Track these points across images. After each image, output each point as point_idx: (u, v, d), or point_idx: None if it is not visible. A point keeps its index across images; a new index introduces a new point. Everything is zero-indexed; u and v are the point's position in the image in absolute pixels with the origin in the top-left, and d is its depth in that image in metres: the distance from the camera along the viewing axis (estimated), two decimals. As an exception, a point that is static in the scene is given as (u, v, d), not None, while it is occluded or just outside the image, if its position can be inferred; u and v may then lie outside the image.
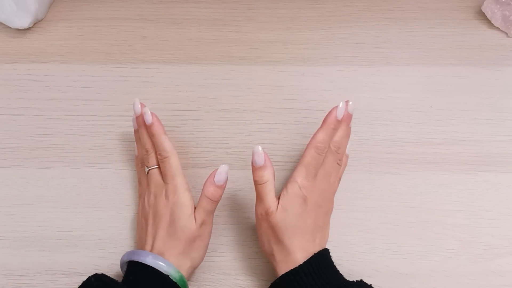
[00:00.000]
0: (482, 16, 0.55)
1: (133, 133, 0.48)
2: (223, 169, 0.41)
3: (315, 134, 0.42)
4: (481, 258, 0.45)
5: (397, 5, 0.57)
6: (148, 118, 0.44)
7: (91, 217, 0.47)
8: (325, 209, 0.43)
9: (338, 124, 0.43)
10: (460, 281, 0.45)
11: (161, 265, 0.39)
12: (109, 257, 0.46)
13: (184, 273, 0.40)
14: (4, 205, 0.48)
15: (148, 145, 0.45)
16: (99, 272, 0.40)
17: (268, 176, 0.41)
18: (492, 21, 0.55)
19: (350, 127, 0.46)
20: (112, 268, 0.45)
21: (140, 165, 0.47)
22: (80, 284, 0.39)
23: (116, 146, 0.50)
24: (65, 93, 0.52)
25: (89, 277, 0.39)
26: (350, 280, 0.40)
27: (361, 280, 0.40)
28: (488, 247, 0.46)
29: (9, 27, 0.55)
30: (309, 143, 0.42)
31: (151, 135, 0.44)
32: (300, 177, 0.41)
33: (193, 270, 0.43)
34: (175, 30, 0.56)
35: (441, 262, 0.45)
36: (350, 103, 0.44)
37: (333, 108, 0.43)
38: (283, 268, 0.40)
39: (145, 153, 0.45)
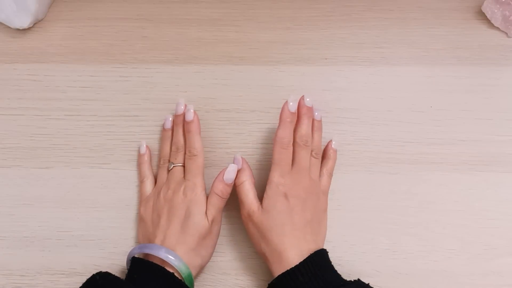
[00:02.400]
0: (482, 16, 0.55)
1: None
2: (232, 168, 0.43)
3: (275, 132, 0.43)
4: (481, 258, 0.45)
5: (397, 5, 0.57)
6: (190, 115, 0.46)
7: (91, 217, 0.47)
8: (312, 203, 0.43)
9: (293, 117, 0.44)
10: (460, 281, 0.45)
11: (172, 260, 0.39)
12: (109, 257, 0.46)
13: (193, 271, 0.41)
14: (4, 205, 0.48)
15: (180, 143, 0.46)
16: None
17: (244, 177, 0.43)
18: (492, 21, 0.55)
19: (320, 121, 0.47)
20: (112, 268, 0.45)
21: (161, 161, 0.47)
22: (82, 283, 0.39)
23: (116, 146, 0.50)
24: (65, 93, 0.52)
25: (93, 274, 0.39)
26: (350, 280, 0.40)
27: (358, 279, 0.40)
28: (488, 247, 0.46)
29: (9, 27, 0.55)
30: (273, 142, 0.43)
31: (187, 131, 0.46)
32: (275, 176, 0.42)
33: (201, 269, 0.43)
34: (175, 30, 0.56)
35: (441, 262, 0.45)
36: (308, 99, 0.45)
37: (284, 103, 0.44)
38: (278, 268, 0.40)
39: (175, 150, 0.46)
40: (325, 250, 0.42)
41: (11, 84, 0.53)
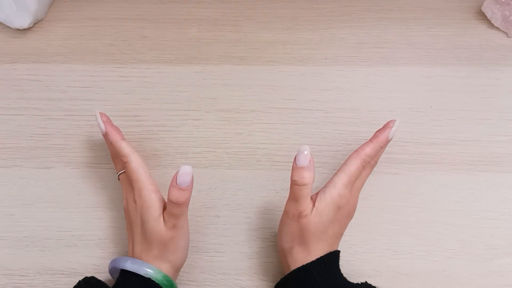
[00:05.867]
0: (482, 16, 0.55)
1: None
2: (184, 171, 0.38)
3: (364, 146, 0.42)
4: (481, 258, 0.45)
5: (397, 5, 0.57)
6: (102, 128, 0.44)
7: (91, 217, 0.47)
8: (349, 220, 0.43)
9: (387, 144, 0.43)
10: (460, 281, 0.45)
11: (143, 269, 0.39)
12: (109, 257, 0.46)
13: (167, 273, 0.40)
14: (4, 205, 0.48)
15: (112, 151, 0.45)
16: (99, 272, 0.40)
17: (309, 179, 0.39)
18: (492, 21, 0.55)
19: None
20: (112, 268, 0.45)
21: None
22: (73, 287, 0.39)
23: (116, 146, 0.50)
24: (65, 93, 0.52)
25: (79, 281, 0.40)
26: (350, 280, 0.40)
27: (366, 282, 0.40)
28: (488, 247, 0.46)
29: (9, 27, 0.55)
30: (356, 153, 0.42)
31: (109, 143, 0.44)
32: (340, 184, 0.40)
33: (176, 270, 0.42)
34: (175, 30, 0.56)
35: (441, 262, 0.45)
36: (394, 130, 0.43)
37: (388, 127, 0.42)
38: (297, 265, 0.40)
39: (112, 159, 0.46)
40: (339, 251, 0.42)
41: (11, 84, 0.53)
